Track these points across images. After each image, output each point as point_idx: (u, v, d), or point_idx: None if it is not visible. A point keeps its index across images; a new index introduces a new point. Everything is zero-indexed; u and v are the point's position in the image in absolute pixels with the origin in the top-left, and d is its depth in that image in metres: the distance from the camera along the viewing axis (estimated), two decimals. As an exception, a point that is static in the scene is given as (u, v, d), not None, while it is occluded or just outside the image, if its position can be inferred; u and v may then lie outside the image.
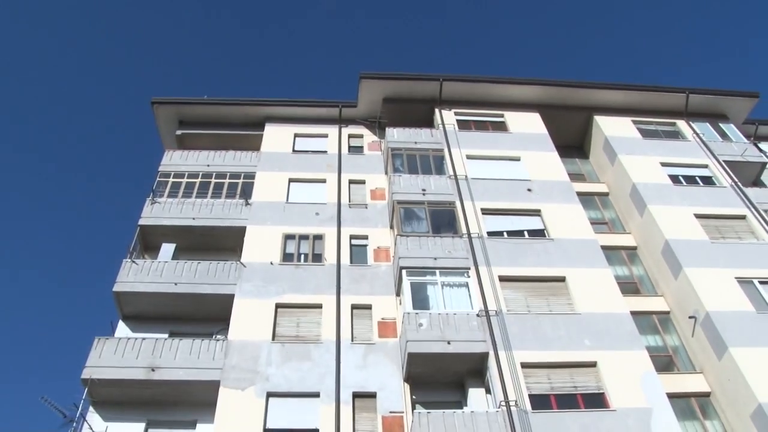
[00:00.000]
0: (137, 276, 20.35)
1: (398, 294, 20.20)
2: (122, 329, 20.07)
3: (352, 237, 22.72)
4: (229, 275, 20.67)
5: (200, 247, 22.55)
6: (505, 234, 22.00)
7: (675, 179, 24.99)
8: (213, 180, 24.73)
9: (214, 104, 27.96)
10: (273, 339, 19.02)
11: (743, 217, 23.42)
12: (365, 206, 24.05)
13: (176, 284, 20.20)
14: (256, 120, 28.12)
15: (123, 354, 18.09)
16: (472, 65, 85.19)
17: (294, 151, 26.67)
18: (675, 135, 27.96)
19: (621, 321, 19.25)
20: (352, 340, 19.14)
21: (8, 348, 52.15)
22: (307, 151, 26.74)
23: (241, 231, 22.50)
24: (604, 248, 22.15)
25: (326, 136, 27.46)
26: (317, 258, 21.89)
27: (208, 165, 25.36)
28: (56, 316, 57.42)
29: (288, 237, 22.52)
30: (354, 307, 20.17)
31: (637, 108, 28.55)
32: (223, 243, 22.62)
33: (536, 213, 22.95)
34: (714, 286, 20.11)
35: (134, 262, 20.78)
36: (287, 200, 24.06)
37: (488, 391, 17.48)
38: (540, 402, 16.87)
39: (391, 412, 17.28)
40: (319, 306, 20.10)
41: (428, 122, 27.78)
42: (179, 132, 27.67)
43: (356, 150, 27.13)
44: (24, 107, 62.68)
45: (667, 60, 76.87)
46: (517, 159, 25.37)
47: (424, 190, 23.09)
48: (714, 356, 18.75)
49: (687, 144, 27.16)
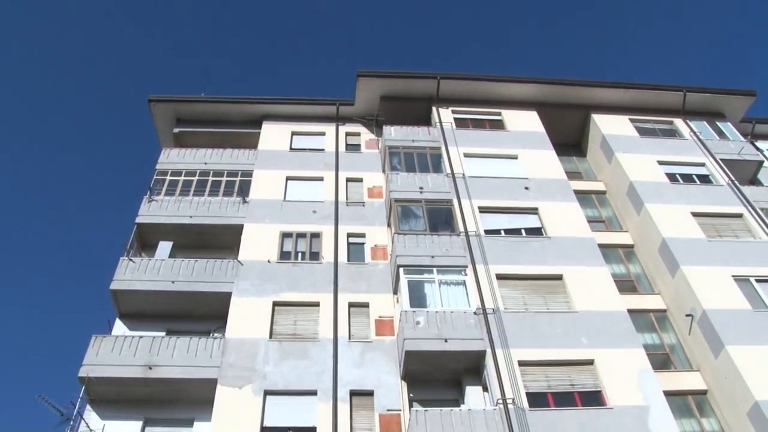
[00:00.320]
0: (134, 274, 20.32)
1: (395, 292, 20.20)
2: (119, 327, 20.05)
3: (350, 235, 22.70)
4: (227, 273, 20.65)
5: (197, 245, 22.51)
6: (503, 232, 22.00)
7: (672, 177, 25.01)
8: (210, 178, 24.69)
9: (212, 102, 27.95)
10: (270, 337, 19.01)
11: (740, 216, 23.47)
12: (362, 204, 24.05)
13: (173, 282, 20.18)
14: (254, 118, 28.10)
15: (120, 352, 18.06)
16: (470, 63, 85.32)
17: (291, 149, 26.64)
18: (672, 133, 27.99)
19: (618, 319, 19.27)
20: (350, 338, 19.15)
21: (5, 346, 52.12)
22: (305, 149, 26.71)
23: (239, 229, 22.48)
24: (601, 246, 22.18)
25: (323, 134, 27.44)
26: (314, 256, 21.88)
27: (206, 163, 25.33)
28: (53, 314, 57.41)
29: (285, 235, 22.51)
30: (351, 305, 20.17)
31: (635, 106, 28.57)
32: (221, 241, 22.60)
33: (533, 211, 22.96)
34: (711, 284, 20.15)
35: (131, 260, 20.75)
36: (284, 198, 24.05)
37: (485, 389, 17.50)
38: (537, 400, 16.89)
39: (389, 410, 17.29)
40: (317, 304, 20.10)
41: (426, 120, 27.76)
42: (176, 130, 27.64)
43: (353, 148, 27.09)
44: (20, 105, 62.57)
45: (665, 58, 77.01)
46: (515, 157, 25.36)
47: (422, 188, 23.08)
48: (711, 354, 18.79)
49: (684, 142, 27.19)
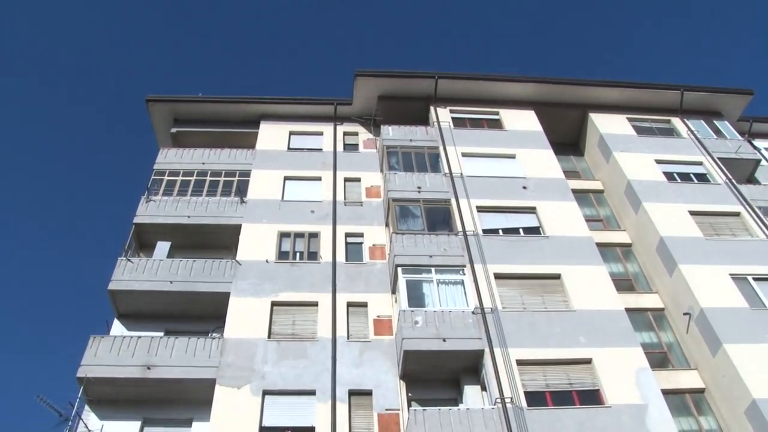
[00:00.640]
0: (132, 274, 20.30)
1: (394, 292, 20.21)
2: (117, 328, 20.03)
3: (348, 235, 22.70)
4: (225, 273, 20.64)
5: (195, 245, 22.49)
6: (501, 231, 22.02)
7: (670, 176, 25.03)
8: (208, 178, 24.67)
9: (209, 102, 27.92)
10: (269, 337, 19.01)
11: (737, 214, 23.50)
12: (360, 204, 24.05)
13: (171, 282, 20.16)
14: (252, 117, 28.08)
15: (118, 352, 18.06)
16: (468, 63, 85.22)
17: (289, 149, 26.63)
18: (670, 132, 28.02)
19: (616, 318, 19.29)
20: (348, 338, 19.15)
21: (4, 347, 52.07)
22: (303, 149, 26.70)
23: (237, 229, 22.47)
24: (599, 245, 22.20)
25: (321, 134, 27.42)
26: (313, 256, 21.87)
27: (203, 163, 25.31)
28: (51, 315, 57.36)
29: (283, 235, 22.51)
30: (350, 305, 20.17)
31: (632, 105, 28.59)
32: (219, 241, 22.58)
33: (531, 210, 22.96)
34: (708, 283, 20.18)
35: (129, 261, 20.74)
36: (282, 198, 24.04)
37: (484, 389, 17.51)
38: (535, 399, 16.90)
39: (387, 410, 17.30)
40: (315, 304, 20.09)
41: (423, 120, 27.75)
42: (174, 130, 27.62)
43: (351, 147, 27.09)
44: (17, 105, 62.45)
45: (662, 57, 77.06)
46: (513, 156, 25.37)
47: (420, 188, 23.09)
48: (708, 352, 18.82)
49: (682, 141, 27.22)
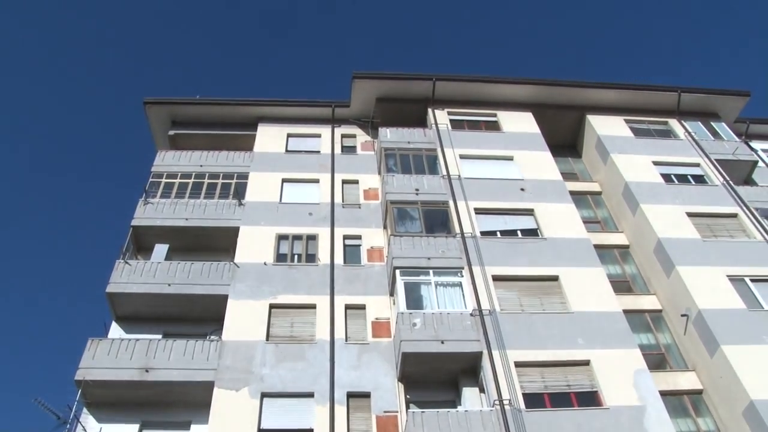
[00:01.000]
0: (130, 277, 20.28)
1: (392, 294, 20.22)
2: (116, 330, 20.01)
3: (346, 237, 22.70)
4: (223, 276, 20.64)
5: (193, 248, 22.48)
6: (499, 233, 22.03)
7: (667, 178, 25.09)
8: (206, 180, 24.66)
9: (207, 104, 27.92)
10: (267, 339, 19.00)
11: (735, 216, 23.54)
12: (358, 206, 24.06)
13: (170, 285, 20.15)
14: (249, 120, 28.08)
15: (117, 355, 18.04)
16: (465, 65, 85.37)
17: (287, 151, 26.63)
18: (667, 134, 28.07)
19: (614, 319, 19.31)
20: (346, 340, 19.16)
21: (1, 349, 51.95)
22: (300, 151, 26.71)
23: (235, 231, 22.47)
24: (597, 247, 22.24)
25: (319, 136, 27.43)
26: (311, 258, 21.88)
27: (201, 165, 25.31)
28: (49, 318, 57.24)
29: (281, 237, 22.51)
30: (348, 307, 20.17)
31: (630, 107, 28.63)
32: (217, 243, 22.57)
33: (529, 212, 22.99)
34: (706, 284, 20.20)
35: (127, 263, 20.72)
36: (280, 200, 24.04)
37: (482, 390, 17.51)
38: (534, 401, 16.91)
39: (386, 412, 17.30)
40: (313, 306, 20.10)
41: (421, 122, 27.78)
42: (172, 132, 27.60)
43: (349, 150, 27.10)
44: (14, 108, 62.36)
45: (659, 59, 77.22)
46: (510, 158, 25.41)
47: (418, 190, 23.10)
48: (706, 354, 18.85)
49: (679, 143, 27.28)
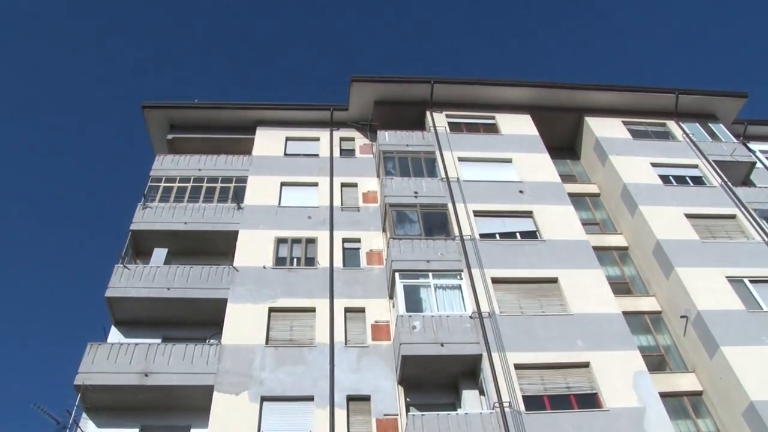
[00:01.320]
0: (129, 281, 20.29)
1: (391, 297, 20.22)
2: (115, 335, 20.00)
3: (345, 240, 22.70)
4: (222, 280, 20.63)
5: (192, 252, 22.46)
6: (498, 236, 22.05)
7: (665, 179, 25.13)
8: (204, 184, 24.66)
9: (205, 108, 27.94)
10: (266, 343, 18.99)
11: (733, 217, 23.57)
12: (357, 209, 24.06)
13: (169, 289, 20.16)
14: (248, 124, 28.09)
15: (116, 360, 18.04)
16: (463, 67, 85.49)
17: (286, 155, 26.64)
18: (665, 135, 28.12)
19: (613, 321, 19.32)
20: (346, 344, 19.15)
21: (0, 354, 51.86)
22: (299, 155, 26.71)
23: (234, 235, 22.45)
24: (596, 249, 22.26)
25: (318, 140, 27.45)
26: (310, 262, 21.88)
27: (200, 169, 25.31)
28: (48, 322, 57.15)
29: (280, 241, 22.51)
30: (347, 311, 20.17)
31: (628, 109, 28.69)
32: (216, 247, 22.56)
33: (528, 214, 23.00)
34: (705, 286, 20.22)
35: (126, 268, 20.71)
36: (279, 204, 24.04)
37: (482, 393, 17.51)
38: (533, 403, 16.92)
39: (386, 415, 17.29)
40: (313, 309, 20.09)
41: (420, 125, 27.82)
42: (170, 136, 27.61)
43: (348, 153, 27.12)
44: (12, 112, 62.34)
45: (657, 60, 77.35)
46: (509, 161, 25.44)
47: (416, 193, 23.11)
48: (705, 355, 18.85)
49: (677, 144, 27.32)
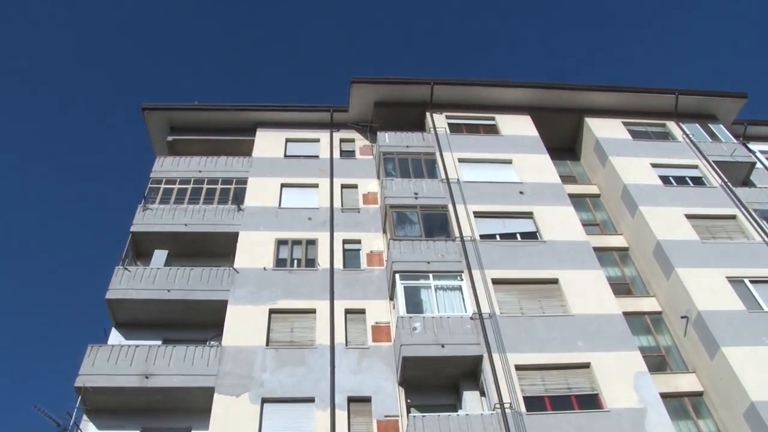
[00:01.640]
0: (130, 283, 20.28)
1: (392, 298, 20.22)
2: (115, 336, 19.99)
3: (345, 241, 22.71)
4: (222, 281, 20.63)
5: (193, 254, 22.47)
6: (498, 237, 22.06)
7: (665, 180, 25.13)
8: (205, 186, 24.67)
9: (205, 110, 27.95)
10: (267, 345, 18.99)
11: (733, 217, 23.57)
12: (358, 211, 24.07)
13: (169, 291, 20.14)
14: (248, 125, 28.10)
15: (116, 361, 18.03)
16: (463, 68, 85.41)
17: (286, 156, 26.65)
18: (665, 136, 28.13)
19: (613, 322, 19.33)
20: (347, 345, 19.15)
21: (1, 356, 51.82)
22: (299, 156, 26.72)
23: (234, 237, 22.46)
24: (596, 249, 22.26)
25: (318, 141, 27.46)
26: (310, 263, 21.88)
27: (200, 171, 25.31)
28: (49, 324, 57.10)
29: (281, 242, 22.51)
30: (348, 312, 20.16)
31: (627, 109, 28.70)
32: (216, 249, 22.56)
33: (528, 215, 23.01)
34: (705, 286, 20.22)
35: (126, 269, 20.71)
36: (279, 205, 24.04)
37: (483, 394, 17.52)
38: (534, 404, 16.93)
39: (386, 416, 17.29)
40: (313, 311, 20.09)
41: (420, 126, 27.82)
42: (170, 138, 27.62)
43: (348, 154, 27.13)
44: (11, 113, 62.36)
45: (657, 61, 77.39)
46: (509, 162, 25.45)
47: (417, 194, 23.12)
48: (706, 356, 18.85)
49: (677, 145, 27.33)
